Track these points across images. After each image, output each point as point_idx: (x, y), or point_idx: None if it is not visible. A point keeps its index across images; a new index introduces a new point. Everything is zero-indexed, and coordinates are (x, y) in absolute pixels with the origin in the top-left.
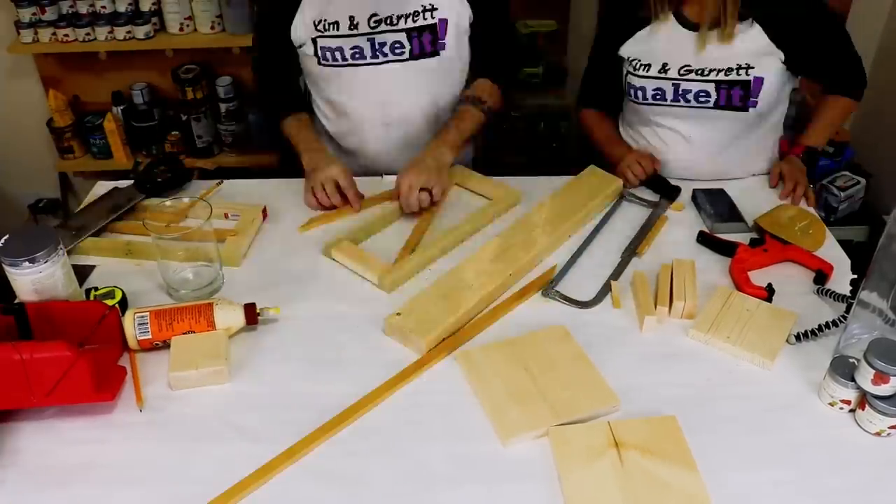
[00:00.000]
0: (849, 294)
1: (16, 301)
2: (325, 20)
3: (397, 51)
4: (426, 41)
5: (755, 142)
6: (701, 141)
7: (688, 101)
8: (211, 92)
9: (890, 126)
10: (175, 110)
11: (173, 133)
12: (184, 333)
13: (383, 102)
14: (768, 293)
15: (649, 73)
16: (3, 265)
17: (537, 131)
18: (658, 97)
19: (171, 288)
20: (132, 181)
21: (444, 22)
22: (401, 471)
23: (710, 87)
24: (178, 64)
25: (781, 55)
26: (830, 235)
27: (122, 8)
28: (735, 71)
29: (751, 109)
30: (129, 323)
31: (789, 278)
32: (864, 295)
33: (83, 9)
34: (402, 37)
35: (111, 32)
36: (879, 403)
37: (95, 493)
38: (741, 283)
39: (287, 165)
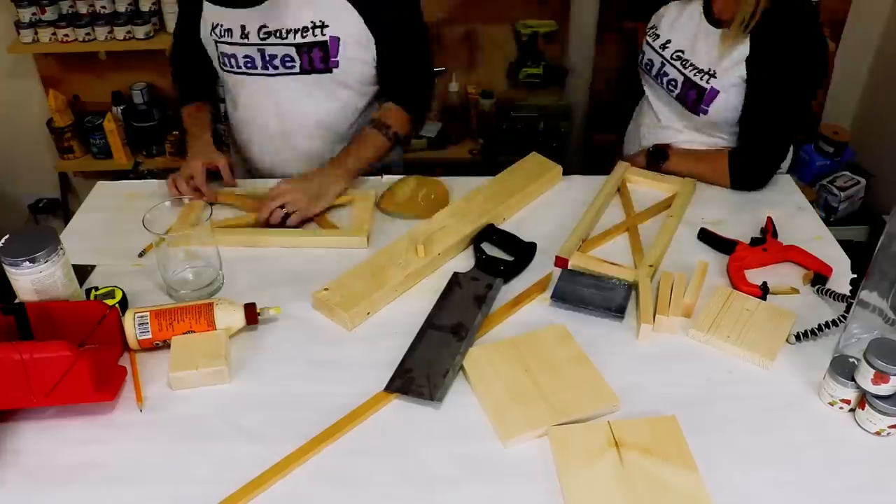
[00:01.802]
0: (849, 294)
1: (16, 301)
2: (221, 26)
3: (287, 64)
4: (316, 57)
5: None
6: (665, 124)
7: (661, 82)
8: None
9: (890, 126)
10: (175, 110)
11: (173, 133)
12: (184, 333)
13: (277, 113)
14: (763, 292)
15: (654, 43)
16: (4, 265)
17: (537, 131)
18: (648, 67)
19: (170, 288)
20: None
21: (335, 40)
22: (401, 471)
23: (679, 80)
24: None
25: (744, 74)
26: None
27: (121, 8)
28: (701, 74)
29: (700, 115)
30: (130, 323)
31: (789, 278)
32: (864, 295)
33: (83, 9)
34: (292, 51)
35: (111, 32)
36: (879, 403)
37: (95, 493)
38: (737, 281)
39: None
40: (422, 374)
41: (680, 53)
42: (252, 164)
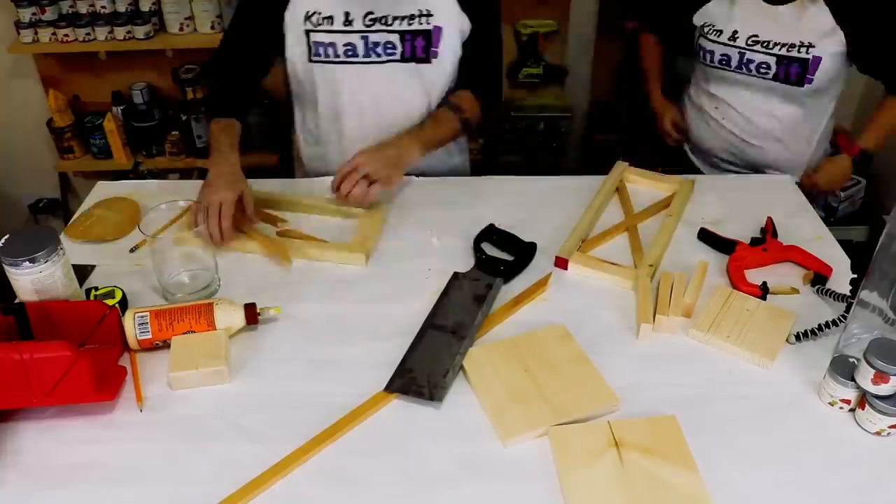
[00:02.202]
0: (849, 294)
1: (16, 301)
2: (319, 14)
3: (389, 51)
4: (419, 46)
5: (806, 123)
6: (753, 111)
7: (749, 70)
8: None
9: None
10: (175, 110)
11: (173, 133)
12: (184, 333)
13: (374, 103)
14: (762, 292)
15: (719, 39)
16: (4, 265)
17: (537, 131)
18: (724, 62)
19: (166, 291)
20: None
21: (438, 29)
22: (401, 471)
23: (772, 61)
24: (178, 64)
25: (843, 38)
26: (832, 236)
27: (121, 8)
28: (797, 48)
29: (805, 86)
30: (130, 323)
31: (789, 277)
32: (864, 295)
33: (83, 9)
34: (395, 38)
35: (111, 32)
36: (879, 403)
37: (95, 493)
38: (736, 282)
39: (287, 165)
40: (422, 374)
41: (756, 38)
42: (331, 160)
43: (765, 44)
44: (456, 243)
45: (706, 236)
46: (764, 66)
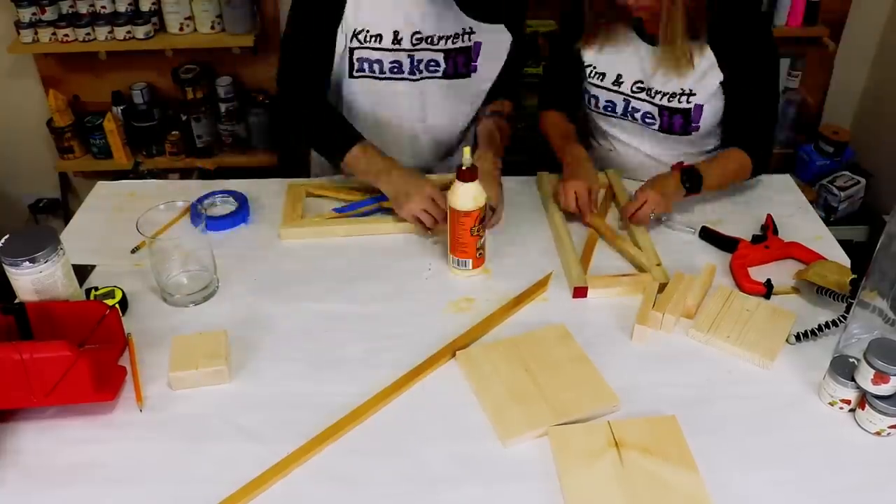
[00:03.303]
0: (849, 294)
1: (16, 301)
2: (368, 32)
3: (432, 68)
4: (460, 62)
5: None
6: (653, 155)
7: (635, 119)
8: (211, 92)
9: (890, 126)
10: (175, 110)
11: (173, 133)
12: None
13: (419, 117)
14: (767, 289)
15: (602, 83)
16: (4, 265)
17: (537, 131)
18: (609, 109)
19: (165, 292)
20: None
21: (478, 45)
22: (401, 471)
23: (655, 111)
24: (178, 64)
25: (721, 77)
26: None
27: (122, 8)
28: (678, 98)
29: (693, 134)
30: None
31: (792, 274)
32: (864, 295)
33: (83, 9)
34: (440, 56)
35: (111, 32)
36: (879, 403)
37: (95, 493)
38: (740, 279)
39: (286, 165)
40: None
41: (640, 85)
42: None
43: (649, 91)
44: None
45: (708, 235)
46: (649, 115)
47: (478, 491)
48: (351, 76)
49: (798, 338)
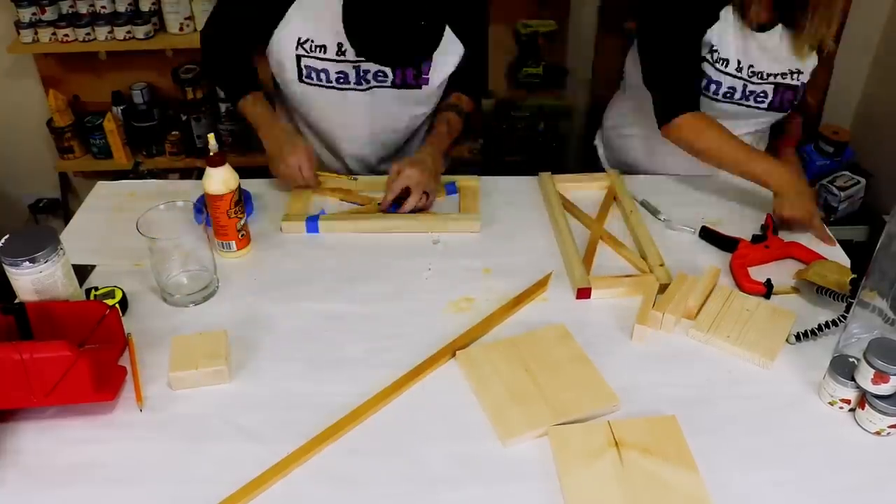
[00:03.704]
0: (849, 294)
1: (16, 301)
2: (312, 42)
3: (380, 79)
4: (409, 74)
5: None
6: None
7: (748, 101)
8: (211, 92)
9: (890, 126)
10: (175, 110)
11: (173, 133)
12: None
13: (368, 122)
14: (767, 288)
15: (727, 70)
16: (4, 265)
17: (537, 131)
18: (729, 95)
19: (165, 293)
20: None
21: (427, 62)
22: (401, 471)
23: (770, 89)
24: (178, 64)
25: (816, 61)
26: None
27: (122, 8)
28: (789, 76)
29: (787, 111)
30: None
31: (792, 274)
32: (864, 295)
33: (83, 9)
34: (387, 69)
35: (111, 32)
36: (879, 403)
37: (95, 493)
38: (740, 279)
39: None
40: None
41: (752, 68)
42: (325, 166)
43: (760, 74)
44: (456, 242)
45: (708, 235)
46: (761, 95)
47: (478, 491)
48: (301, 80)
49: (798, 338)
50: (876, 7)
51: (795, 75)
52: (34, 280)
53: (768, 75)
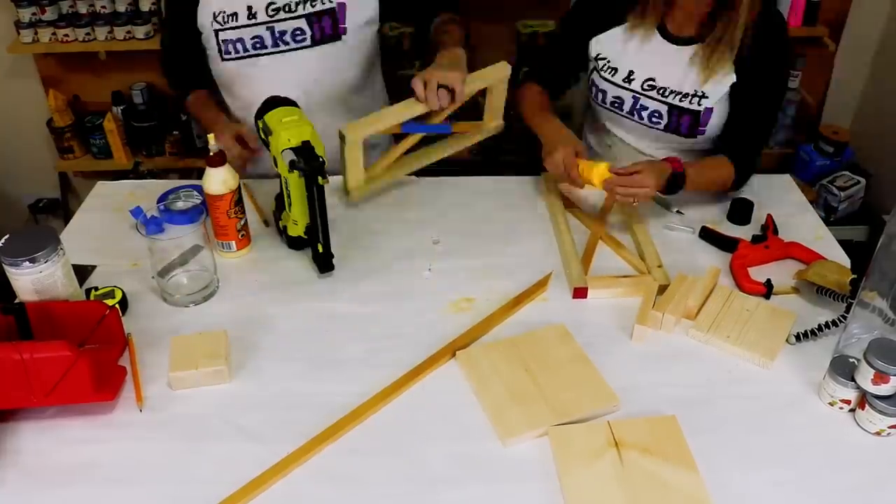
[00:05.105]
0: (849, 294)
1: (16, 301)
2: (224, 12)
3: (298, 38)
4: (326, 25)
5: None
6: (650, 155)
7: (641, 118)
8: None
9: (890, 126)
10: (175, 110)
11: (173, 133)
12: None
13: (297, 90)
14: (767, 289)
15: (613, 79)
16: (4, 265)
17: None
18: (616, 105)
19: (165, 293)
20: None
21: (342, 6)
22: (401, 471)
23: (664, 110)
24: None
25: (734, 79)
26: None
27: (121, 8)
28: (689, 98)
29: (697, 137)
30: None
31: (792, 274)
32: (864, 295)
33: (83, 9)
34: (303, 23)
35: (111, 32)
36: (879, 403)
37: (95, 493)
38: (740, 279)
39: None
40: None
41: (652, 82)
42: (263, 158)
43: (660, 90)
44: (456, 242)
45: (708, 235)
46: (655, 115)
47: (478, 491)
48: (223, 59)
49: (798, 338)
50: (876, 7)
51: (698, 99)
52: (34, 280)
53: (670, 92)
